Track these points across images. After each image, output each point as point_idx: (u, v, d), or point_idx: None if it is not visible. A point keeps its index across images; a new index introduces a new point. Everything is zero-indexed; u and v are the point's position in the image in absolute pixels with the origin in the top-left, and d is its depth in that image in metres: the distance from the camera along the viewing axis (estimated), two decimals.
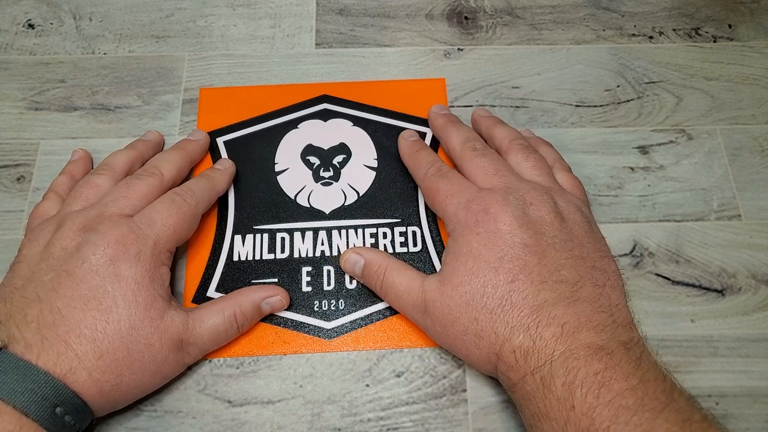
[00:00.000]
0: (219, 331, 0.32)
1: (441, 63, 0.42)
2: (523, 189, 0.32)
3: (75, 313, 0.28)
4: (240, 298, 0.33)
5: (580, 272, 0.30)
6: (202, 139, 0.39)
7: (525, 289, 0.29)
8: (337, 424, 0.32)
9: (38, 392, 0.26)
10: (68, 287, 0.29)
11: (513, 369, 0.28)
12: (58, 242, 0.30)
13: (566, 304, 0.29)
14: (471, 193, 0.32)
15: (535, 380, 0.27)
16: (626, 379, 0.26)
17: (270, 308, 0.34)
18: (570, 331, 0.28)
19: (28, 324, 0.28)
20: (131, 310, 0.29)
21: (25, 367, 0.27)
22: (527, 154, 0.35)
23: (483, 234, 0.31)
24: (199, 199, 0.34)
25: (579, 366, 0.27)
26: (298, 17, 0.44)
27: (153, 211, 0.32)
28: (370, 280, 0.34)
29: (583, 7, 0.44)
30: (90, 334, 0.28)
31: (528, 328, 0.28)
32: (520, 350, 0.28)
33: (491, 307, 0.29)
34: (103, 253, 0.30)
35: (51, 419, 0.26)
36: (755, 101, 0.41)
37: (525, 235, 0.30)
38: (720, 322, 0.35)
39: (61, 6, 0.44)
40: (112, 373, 0.28)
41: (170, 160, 0.36)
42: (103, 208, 0.32)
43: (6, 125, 0.40)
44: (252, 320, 0.34)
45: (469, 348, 0.30)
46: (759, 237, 0.37)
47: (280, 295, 0.34)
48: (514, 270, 0.29)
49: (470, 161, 0.35)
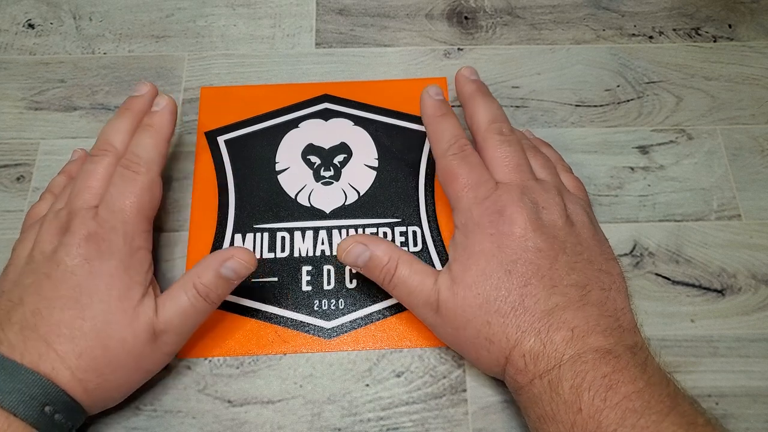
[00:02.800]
0: (187, 311, 0.30)
1: (441, 63, 0.42)
2: (537, 190, 0.32)
3: (54, 313, 0.28)
4: (198, 270, 0.30)
5: (589, 276, 0.30)
6: (147, 92, 0.35)
7: (537, 293, 0.29)
8: (337, 424, 0.32)
9: (26, 392, 0.26)
10: (48, 289, 0.29)
11: (521, 372, 0.28)
12: (38, 246, 0.31)
13: (576, 308, 0.29)
14: (488, 190, 0.32)
15: (543, 383, 0.27)
16: (633, 382, 0.26)
17: (233, 273, 0.30)
18: (580, 335, 0.28)
19: (12, 326, 0.28)
20: (104, 305, 0.29)
21: (12, 366, 0.27)
22: (535, 153, 0.35)
23: (497, 235, 0.30)
24: (148, 162, 0.32)
25: (587, 369, 0.27)
26: (298, 17, 0.44)
27: (110, 198, 0.31)
28: (377, 274, 0.32)
29: (583, 7, 0.44)
30: (69, 333, 0.28)
31: (539, 332, 0.28)
32: (530, 354, 0.28)
33: (504, 311, 0.29)
34: (77, 252, 0.30)
35: (40, 418, 0.26)
36: (755, 101, 0.41)
37: (539, 239, 0.30)
38: (720, 322, 0.35)
39: (61, 6, 0.44)
40: (93, 372, 0.28)
41: (120, 129, 0.34)
42: (71, 205, 0.32)
43: (6, 125, 0.40)
44: (219, 290, 0.30)
45: (479, 351, 0.30)
46: (759, 237, 0.37)
47: (237, 255, 0.30)
48: (527, 274, 0.29)
49: (493, 148, 0.33)
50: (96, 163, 0.33)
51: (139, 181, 0.32)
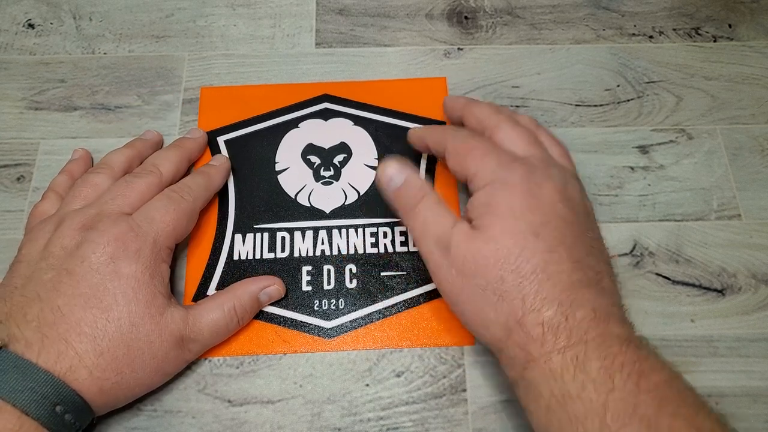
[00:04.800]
0: (219, 325, 0.32)
1: (441, 63, 0.42)
2: (558, 166, 0.32)
3: (75, 311, 0.28)
4: (238, 292, 0.33)
5: (601, 263, 0.30)
6: (200, 137, 0.39)
7: (562, 263, 0.28)
8: (337, 424, 0.32)
9: (38, 391, 0.26)
10: (68, 286, 0.29)
11: (536, 342, 0.27)
12: (58, 241, 0.30)
13: (596, 291, 0.28)
14: (512, 155, 0.31)
15: (565, 359, 0.26)
16: (660, 371, 0.26)
17: (268, 298, 0.34)
18: (601, 317, 0.27)
19: (28, 323, 0.28)
20: (131, 307, 0.29)
21: (26, 365, 0.27)
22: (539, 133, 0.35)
23: (527, 195, 0.29)
24: (196, 196, 0.34)
25: (615, 353, 0.26)
26: (298, 17, 0.44)
27: (151, 209, 0.32)
28: (403, 200, 0.32)
29: (583, 7, 0.44)
30: (90, 332, 0.28)
31: (561, 304, 0.27)
32: (550, 324, 0.27)
33: (524, 271, 0.28)
34: (103, 251, 0.30)
35: (51, 418, 0.26)
36: (755, 101, 0.41)
37: (566, 209, 0.30)
38: (720, 322, 0.35)
39: (61, 6, 0.44)
40: (112, 371, 0.28)
41: (168, 158, 0.36)
42: (102, 207, 0.32)
43: (6, 125, 0.40)
44: (251, 312, 0.34)
45: (484, 307, 0.28)
46: (759, 237, 0.37)
47: (276, 284, 0.34)
48: (555, 241, 0.28)
49: (506, 129, 0.33)
50: (139, 178, 0.34)
51: (183, 205, 0.33)
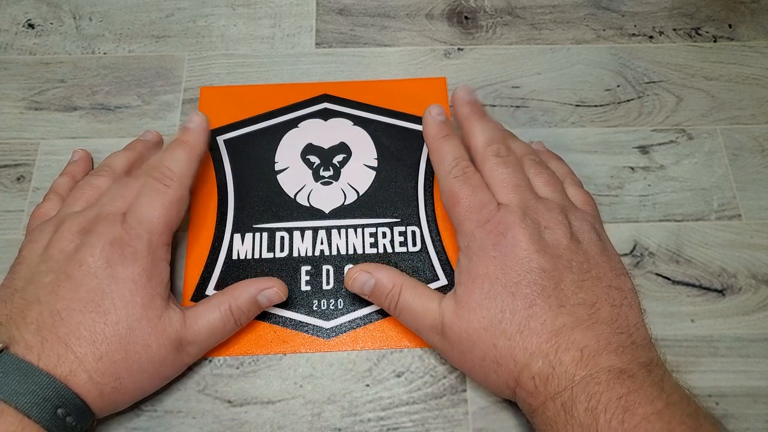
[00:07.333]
0: (216, 327, 0.32)
1: (441, 63, 0.42)
2: (539, 210, 0.31)
3: (74, 315, 0.28)
4: (236, 292, 0.32)
5: (597, 293, 0.30)
6: (201, 122, 0.35)
7: (543, 314, 0.29)
8: (337, 424, 0.32)
9: (40, 393, 0.26)
10: (67, 289, 0.29)
11: (533, 395, 0.28)
12: (57, 244, 0.30)
13: (585, 328, 0.28)
14: (489, 212, 0.31)
15: (556, 406, 0.27)
16: (651, 402, 0.26)
17: (267, 301, 0.33)
18: (590, 355, 0.27)
19: (28, 325, 0.28)
20: (129, 310, 0.29)
21: (27, 368, 0.27)
22: (539, 169, 0.34)
23: (499, 258, 0.30)
24: (180, 176, 0.33)
25: (601, 391, 0.26)
26: (298, 17, 0.44)
27: (139, 208, 0.32)
28: (382, 301, 0.33)
29: (583, 7, 0.44)
30: (89, 336, 0.28)
31: (547, 354, 0.28)
32: (540, 376, 0.28)
33: (510, 332, 0.29)
34: (100, 255, 0.30)
35: (52, 420, 0.26)
36: (755, 101, 0.41)
37: (542, 260, 0.30)
38: (720, 322, 0.35)
39: (61, 6, 0.44)
40: (111, 376, 0.28)
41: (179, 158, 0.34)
42: (101, 209, 0.32)
43: (6, 125, 0.40)
44: (250, 314, 0.33)
45: (488, 374, 0.30)
46: (759, 237, 0.37)
47: (276, 286, 0.33)
48: (532, 295, 0.29)
49: (491, 170, 0.33)
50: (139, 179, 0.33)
51: (169, 195, 0.32)
